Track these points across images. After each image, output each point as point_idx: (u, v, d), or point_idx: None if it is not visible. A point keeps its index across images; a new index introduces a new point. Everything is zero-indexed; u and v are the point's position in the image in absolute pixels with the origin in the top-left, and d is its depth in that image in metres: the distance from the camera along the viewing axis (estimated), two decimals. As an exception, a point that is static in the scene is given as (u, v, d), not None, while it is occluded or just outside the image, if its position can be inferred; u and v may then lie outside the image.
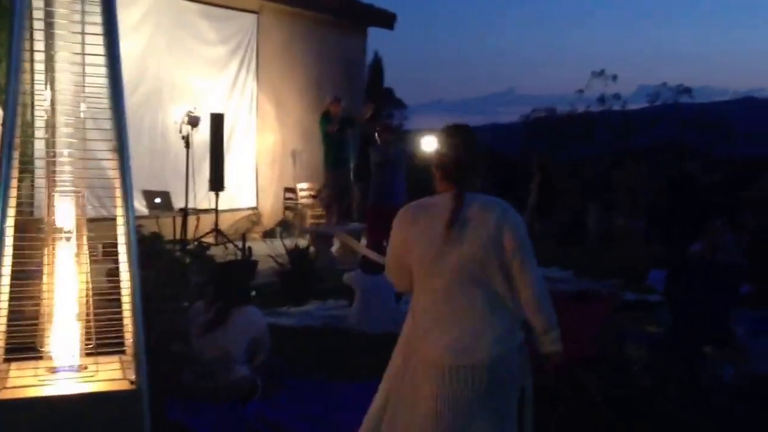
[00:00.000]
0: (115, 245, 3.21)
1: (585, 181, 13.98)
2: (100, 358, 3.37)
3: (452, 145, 2.90)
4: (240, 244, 9.82)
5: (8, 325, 3.20)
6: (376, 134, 9.69)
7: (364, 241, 9.47)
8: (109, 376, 3.27)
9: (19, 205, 3.10)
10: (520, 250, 2.84)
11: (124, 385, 3.18)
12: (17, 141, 3.04)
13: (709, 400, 5.03)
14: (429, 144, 10.91)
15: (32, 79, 3.36)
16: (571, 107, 17.34)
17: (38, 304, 3.30)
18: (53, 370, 3.30)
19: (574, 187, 13.91)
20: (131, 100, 9.71)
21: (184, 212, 10.14)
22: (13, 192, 3.03)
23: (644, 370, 5.52)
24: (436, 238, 2.81)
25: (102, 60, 3.14)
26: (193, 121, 10.38)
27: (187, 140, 10.28)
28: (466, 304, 2.82)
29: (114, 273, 3.30)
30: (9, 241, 3.05)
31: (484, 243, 2.79)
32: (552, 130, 17.54)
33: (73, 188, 3.30)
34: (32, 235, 3.27)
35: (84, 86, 3.24)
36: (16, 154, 3.04)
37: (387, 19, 15.27)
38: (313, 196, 12.99)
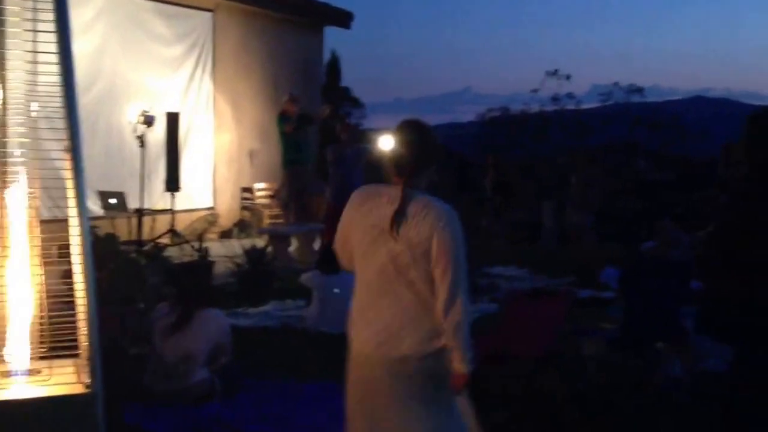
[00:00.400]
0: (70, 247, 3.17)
1: (540, 180, 14.14)
2: (55, 362, 3.32)
3: (404, 140, 2.89)
4: (196, 244, 9.74)
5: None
6: (338, 131, 9.71)
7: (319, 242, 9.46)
8: (63, 379, 3.22)
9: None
10: (444, 258, 2.75)
11: (78, 389, 3.14)
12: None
13: (661, 395, 5.13)
14: (386, 142, 10.95)
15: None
16: (525, 106, 17.52)
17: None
18: (6, 375, 3.25)
19: (530, 186, 14.07)
20: (85, 100, 9.54)
21: (140, 213, 10.03)
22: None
23: (600, 367, 5.65)
24: (374, 227, 2.82)
25: (54, 58, 3.10)
26: (148, 121, 10.27)
27: (141, 140, 10.17)
28: (391, 301, 2.82)
29: (69, 275, 3.26)
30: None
31: (413, 245, 2.77)
32: (507, 129, 17.72)
33: (25, 189, 3.24)
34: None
35: (36, 85, 3.19)
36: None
37: (344, 19, 15.28)
38: (271, 196, 12.93)
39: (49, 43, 3.12)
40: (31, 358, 3.32)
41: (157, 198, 11.08)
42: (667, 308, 5.68)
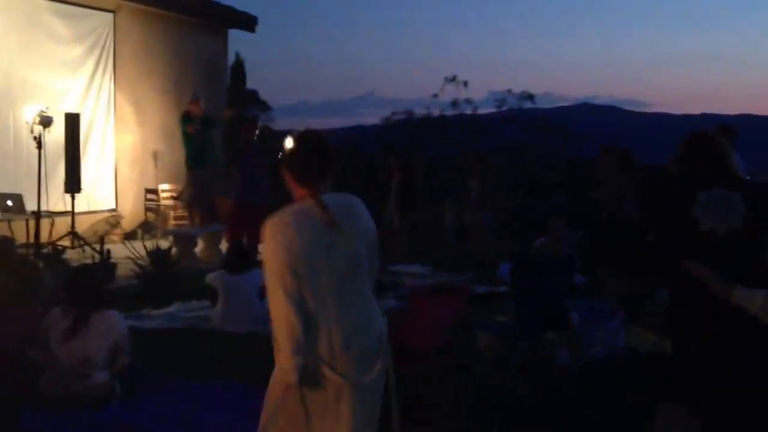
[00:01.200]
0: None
1: (441, 181, 14.54)
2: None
3: (306, 150, 2.98)
4: (98, 247, 9.62)
5: None
6: (240, 132, 9.68)
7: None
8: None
9: None
10: (375, 250, 2.98)
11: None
12: None
13: (549, 382, 5.43)
14: (289, 149, 11.04)
15: None
16: (427, 110, 18.02)
17: None
18: None
19: (432, 187, 14.45)
20: (-21, 100, 9.34)
21: (37, 215, 9.82)
22: None
23: (494, 358, 5.94)
24: (321, 241, 2.82)
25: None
26: (45, 121, 10.07)
27: (39, 141, 9.96)
28: (354, 300, 2.90)
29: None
30: None
31: (359, 243, 2.89)
32: (410, 131, 18.13)
33: None
34: None
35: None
36: None
37: (248, 22, 15.28)
38: (175, 197, 12.85)
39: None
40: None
41: (57, 200, 10.87)
42: (554, 300, 6.05)
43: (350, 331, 2.85)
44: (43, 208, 10.01)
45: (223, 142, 11.84)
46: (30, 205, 10.00)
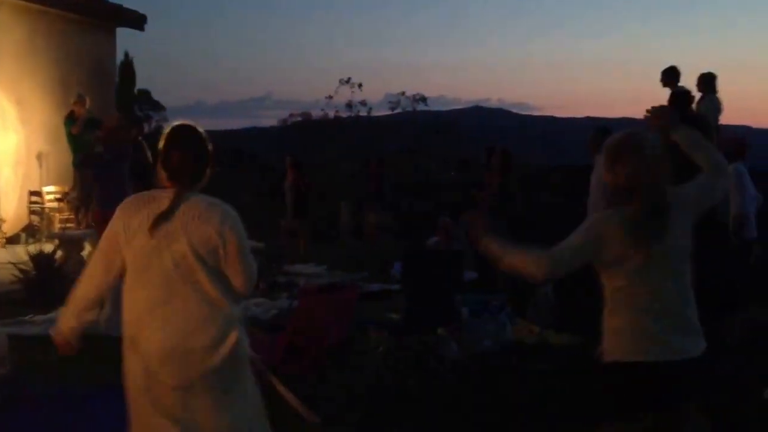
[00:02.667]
0: None
1: (338, 181, 14.60)
2: None
3: (176, 144, 2.92)
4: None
5: None
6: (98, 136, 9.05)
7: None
8: None
9: None
10: (237, 259, 2.85)
11: None
12: None
13: (438, 375, 5.54)
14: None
15: None
16: (323, 112, 18.07)
17: None
18: None
19: (328, 187, 14.49)
20: None
21: None
22: None
23: (386, 352, 6.02)
24: (152, 233, 2.81)
25: None
26: None
27: None
28: (180, 304, 2.83)
29: None
30: None
31: (199, 246, 2.80)
32: (307, 133, 18.13)
33: None
34: None
35: None
36: None
37: (137, 20, 14.88)
38: (60, 200, 12.38)
39: None
40: None
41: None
42: (444, 296, 6.20)
43: (170, 332, 2.82)
44: None
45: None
46: None
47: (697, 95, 8.58)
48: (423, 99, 17.62)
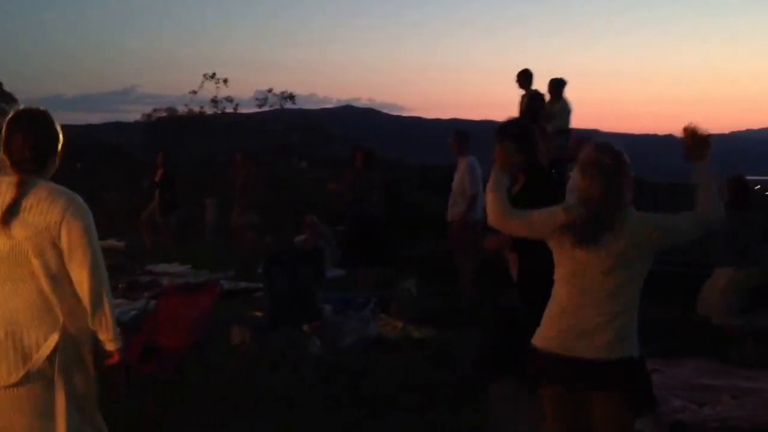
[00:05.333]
0: None
1: (204, 179, 14.31)
2: None
3: (19, 128, 2.76)
4: None
5: None
6: None
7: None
8: None
9: None
10: (80, 250, 2.70)
11: None
12: None
13: (301, 372, 5.54)
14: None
15: None
16: (187, 107, 17.57)
17: None
18: None
19: (194, 184, 14.17)
20: None
21: None
22: None
23: (248, 351, 5.96)
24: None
25: None
26: None
27: None
28: (11, 293, 2.71)
29: None
30: None
31: (37, 234, 2.67)
32: (173, 128, 17.61)
33: None
34: None
35: None
36: None
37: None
38: None
39: None
40: None
41: None
42: (306, 293, 6.21)
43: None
44: None
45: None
46: None
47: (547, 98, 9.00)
48: (291, 97, 17.41)
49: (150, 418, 4.48)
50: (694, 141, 2.87)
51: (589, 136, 8.06)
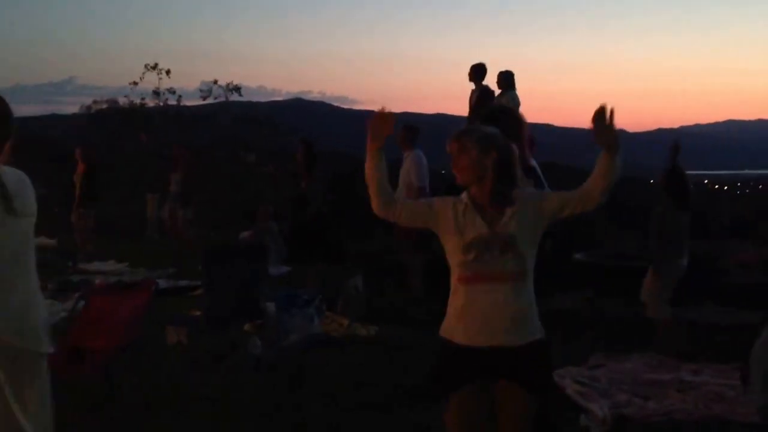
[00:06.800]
0: None
1: (144, 174, 13.92)
2: None
3: None
4: None
5: None
6: None
7: None
8: None
9: None
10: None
11: None
12: None
13: (240, 372, 5.38)
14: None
15: None
16: (127, 99, 16.99)
17: None
18: None
19: (135, 180, 13.80)
20: None
21: None
22: None
23: (185, 351, 5.77)
24: None
25: None
26: None
27: None
28: (18, 282, 2.68)
29: None
30: None
31: (32, 218, 2.72)
32: (114, 121, 17.07)
33: None
34: None
35: None
36: None
37: None
38: None
39: None
40: None
41: None
42: (247, 291, 6.02)
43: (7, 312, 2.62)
44: None
45: None
46: None
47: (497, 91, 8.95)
48: (237, 88, 16.96)
49: (76, 423, 4.26)
50: (600, 125, 2.69)
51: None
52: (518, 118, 3.71)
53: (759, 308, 4.11)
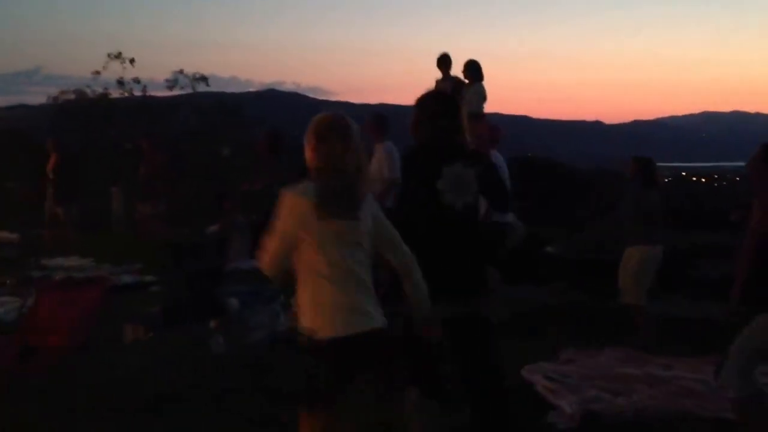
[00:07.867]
0: None
1: (109, 166, 13.64)
2: None
3: None
4: None
5: None
6: None
7: None
8: None
9: None
10: None
11: None
12: None
13: (201, 370, 5.21)
14: None
15: None
16: (90, 90, 16.56)
17: None
18: None
19: (101, 172, 13.49)
20: None
21: None
22: None
23: (142, 348, 5.60)
24: None
25: None
26: None
27: None
28: None
29: None
30: None
31: None
32: (80, 112, 16.66)
33: None
34: None
35: None
36: None
37: None
38: None
39: None
40: None
41: None
42: (207, 287, 5.85)
43: None
44: None
45: None
46: None
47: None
48: (204, 78, 16.61)
49: (27, 424, 4.16)
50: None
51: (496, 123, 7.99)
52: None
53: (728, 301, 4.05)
